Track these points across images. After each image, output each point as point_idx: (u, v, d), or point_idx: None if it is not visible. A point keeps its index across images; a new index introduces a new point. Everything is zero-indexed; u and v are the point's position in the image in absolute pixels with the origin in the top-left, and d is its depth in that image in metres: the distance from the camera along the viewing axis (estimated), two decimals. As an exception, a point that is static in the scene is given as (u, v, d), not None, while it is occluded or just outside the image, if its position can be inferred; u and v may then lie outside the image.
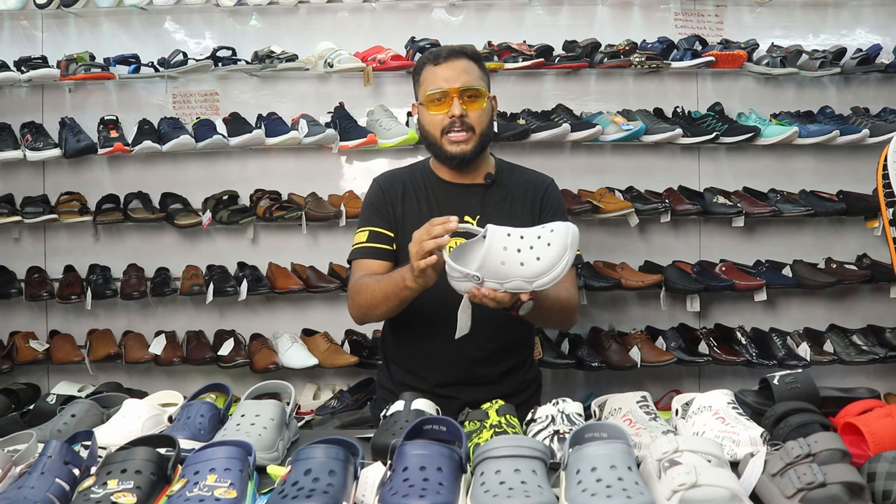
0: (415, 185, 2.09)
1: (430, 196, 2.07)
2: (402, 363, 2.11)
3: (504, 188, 2.09)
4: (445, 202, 2.04)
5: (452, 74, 1.98)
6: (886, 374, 3.18)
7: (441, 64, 2.00)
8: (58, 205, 3.13)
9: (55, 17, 3.25)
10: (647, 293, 3.19)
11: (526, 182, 2.12)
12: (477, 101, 1.99)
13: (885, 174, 2.06)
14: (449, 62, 1.99)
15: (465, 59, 2.01)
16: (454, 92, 1.97)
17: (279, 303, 3.28)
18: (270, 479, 1.32)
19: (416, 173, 2.13)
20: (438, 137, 2.00)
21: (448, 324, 1.86)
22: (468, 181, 2.07)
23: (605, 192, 3.12)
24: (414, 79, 2.10)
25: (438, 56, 2.01)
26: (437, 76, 2.00)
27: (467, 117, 1.97)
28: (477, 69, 2.03)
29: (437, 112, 1.99)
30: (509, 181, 2.10)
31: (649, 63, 3.10)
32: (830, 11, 3.33)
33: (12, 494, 1.22)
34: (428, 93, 1.99)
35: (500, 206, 2.05)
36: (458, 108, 1.96)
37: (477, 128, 1.99)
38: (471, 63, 2.02)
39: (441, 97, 1.98)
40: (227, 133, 3.09)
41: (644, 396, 1.66)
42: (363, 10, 3.28)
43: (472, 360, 2.01)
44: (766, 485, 1.26)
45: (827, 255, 3.22)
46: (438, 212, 1.98)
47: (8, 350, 3.09)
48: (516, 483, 1.20)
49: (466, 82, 1.98)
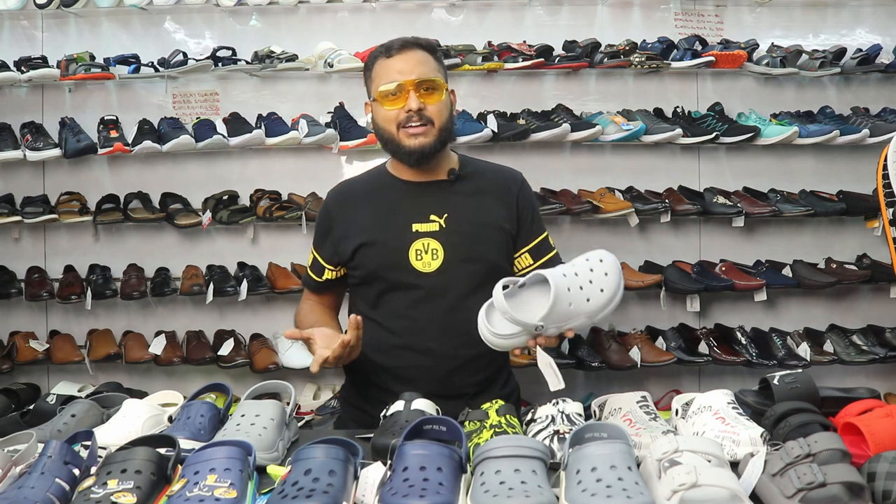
0: (373, 190, 1.98)
1: (391, 199, 1.94)
2: (369, 377, 1.96)
3: (471, 183, 1.96)
4: (406, 202, 1.93)
5: (407, 66, 1.85)
6: (886, 374, 3.18)
7: (394, 56, 1.87)
8: (58, 205, 3.13)
9: (55, 17, 3.25)
10: (647, 293, 3.19)
11: (495, 177, 2.00)
12: (435, 93, 1.85)
13: (885, 174, 2.06)
14: (402, 54, 1.87)
15: (420, 49, 1.89)
16: (410, 84, 1.83)
17: (279, 303, 3.27)
18: (270, 479, 1.32)
19: (374, 177, 2.02)
20: (395, 132, 1.86)
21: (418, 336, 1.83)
22: (429, 178, 1.94)
23: (605, 192, 3.12)
24: (365, 75, 1.97)
25: (391, 48, 1.88)
26: (390, 69, 1.86)
27: (425, 110, 1.84)
28: (433, 60, 1.90)
29: (392, 107, 1.85)
30: (475, 176, 1.98)
31: (649, 63, 3.10)
32: (830, 11, 3.33)
33: (12, 494, 1.22)
34: (381, 87, 1.86)
35: (467, 202, 1.93)
36: (414, 101, 1.82)
37: (436, 121, 1.86)
38: (426, 54, 1.89)
39: (396, 91, 1.84)
40: (227, 133, 3.09)
41: (644, 396, 1.65)
42: (363, 10, 3.28)
43: (447, 369, 1.89)
44: (766, 485, 1.26)
45: (827, 255, 3.22)
46: (399, 214, 1.91)
47: (8, 350, 3.09)
48: (516, 483, 1.20)
49: (423, 74, 1.85)
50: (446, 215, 1.90)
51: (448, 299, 1.89)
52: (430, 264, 1.88)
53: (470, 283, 1.88)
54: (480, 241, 1.91)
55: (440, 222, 1.90)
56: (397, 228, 1.90)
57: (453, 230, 1.90)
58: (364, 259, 1.93)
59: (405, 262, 1.88)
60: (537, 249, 1.98)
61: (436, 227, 1.90)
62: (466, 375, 1.92)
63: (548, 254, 2.00)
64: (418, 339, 1.90)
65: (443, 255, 1.88)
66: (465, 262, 1.89)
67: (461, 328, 1.77)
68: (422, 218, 1.90)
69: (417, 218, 1.90)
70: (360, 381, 2.01)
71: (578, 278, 1.57)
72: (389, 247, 1.90)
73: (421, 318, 1.89)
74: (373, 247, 1.91)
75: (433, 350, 1.90)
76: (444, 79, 1.92)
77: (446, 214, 1.90)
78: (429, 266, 1.88)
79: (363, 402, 1.98)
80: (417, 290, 1.89)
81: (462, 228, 1.90)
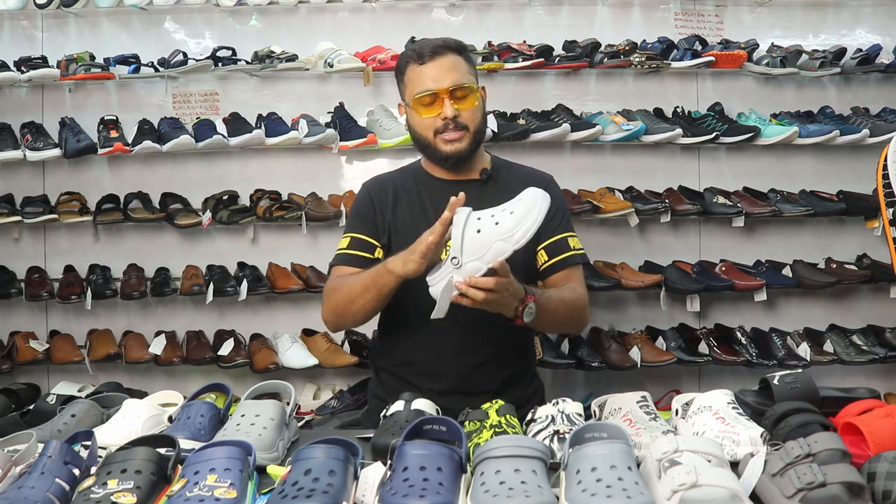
0: (407, 187, 2.02)
1: (424, 196, 1.99)
2: (394, 372, 2.02)
3: (501, 183, 1.99)
4: (440, 201, 1.92)
5: (440, 73, 1.88)
6: (886, 374, 3.18)
7: (427, 63, 1.89)
8: (58, 205, 3.13)
9: (55, 17, 3.25)
10: (647, 293, 3.19)
11: (525, 178, 2.01)
12: (468, 98, 1.90)
13: (885, 174, 2.06)
14: (435, 60, 1.89)
15: (451, 53, 1.91)
16: (444, 93, 1.87)
17: (279, 303, 3.28)
18: (270, 479, 1.32)
19: (408, 175, 2.05)
20: (432, 139, 1.92)
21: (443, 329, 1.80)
22: (463, 177, 1.99)
23: (605, 192, 3.12)
24: (398, 77, 2.00)
25: (423, 54, 1.90)
26: (423, 76, 1.90)
27: (460, 117, 1.89)
28: (464, 63, 1.93)
29: (428, 115, 1.90)
30: (507, 177, 2.02)
31: (649, 63, 3.10)
32: (830, 11, 3.33)
33: (12, 494, 1.22)
34: (416, 95, 1.90)
35: (497, 202, 1.92)
36: (449, 109, 1.87)
37: (471, 125, 1.91)
38: (457, 58, 1.91)
39: (431, 100, 1.89)
40: (227, 133, 3.09)
41: (644, 396, 1.65)
42: (363, 10, 3.28)
43: (470, 366, 1.93)
44: (766, 485, 1.26)
45: (827, 255, 3.22)
46: (433, 211, 1.93)
47: (8, 350, 3.09)
48: (516, 483, 1.20)
49: (456, 80, 1.88)
50: None
51: None
52: None
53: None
54: None
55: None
56: (430, 224, 1.89)
57: None
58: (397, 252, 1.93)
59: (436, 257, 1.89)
60: (554, 246, 1.97)
61: None
62: (490, 372, 1.95)
63: (565, 252, 1.98)
64: (444, 334, 1.89)
65: None
66: None
67: (486, 325, 1.78)
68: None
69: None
70: (386, 376, 2.05)
71: (492, 210, 1.58)
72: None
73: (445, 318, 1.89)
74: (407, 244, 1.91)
75: (457, 346, 1.91)
76: (476, 79, 1.95)
77: None
78: None
79: (388, 396, 1.98)
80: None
81: None
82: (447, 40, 1.94)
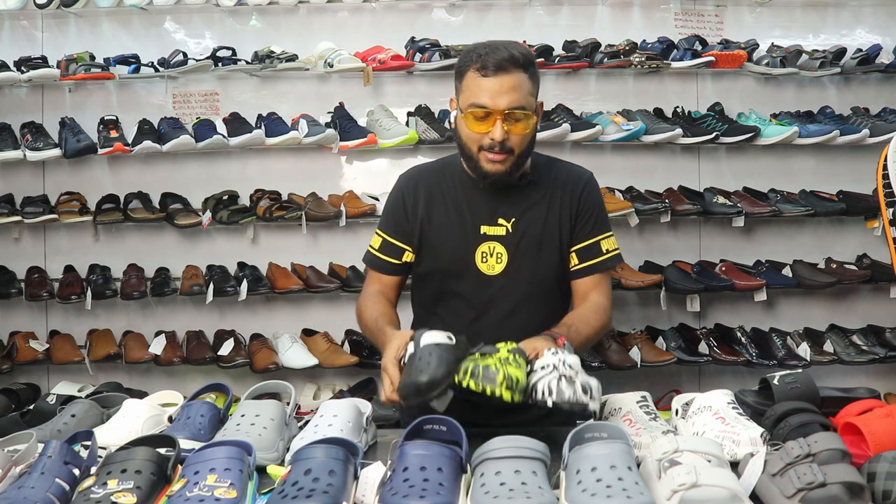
0: (443, 185, 1.94)
1: (461, 198, 1.91)
2: None
3: (542, 188, 1.92)
4: (477, 205, 1.91)
5: (500, 91, 1.75)
6: (886, 374, 3.18)
7: (489, 76, 1.76)
8: (58, 205, 3.13)
9: (55, 17, 3.25)
10: (647, 293, 3.19)
11: (564, 179, 1.95)
12: (521, 122, 1.78)
13: (885, 174, 2.06)
14: (498, 76, 1.75)
15: (517, 70, 1.77)
16: (498, 114, 1.75)
17: (279, 303, 3.28)
18: (270, 479, 1.33)
19: (447, 172, 1.96)
20: (475, 152, 1.82)
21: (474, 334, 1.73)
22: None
23: (605, 192, 3.11)
24: (456, 74, 1.87)
25: (487, 65, 1.76)
26: (482, 89, 1.77)
27: (508, 140, 1.78)
28: (528, 83, 1.79)
29: (478, 130, 1.79)
30: (547, 179, 1.94)
31: (649, 63, 3.10)
32: (830, 11, 3.33)
33: (12, 494, 1.23)
34: (470, 108, 1.78)
35: (535, 207, 1.90)
36: (499, 132, 1.76)
37: (517, 149, 1.80)
38: (522, 76, 1.77)
39: (484, 116, 1.77)
40: (227, 133, 3.09)
41: (644, 396, 1.66)
42: (363, 10, 3.28)
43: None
44: (766, 485, 1.26)
45: (827, 255, 3.22)
46: (468, 215, 1.90)
47: (8, 350, 3.09)
48: (517, 484, 1.20)
49: (513, 102, 1.75)
50: (514, 220, 1.89)
51: (508, 302, 1.89)
52: (493, 267, 1.89)
53: (530, 289, 1.90)
54: (544, 248, 1.91)
55: (507, 227, 1.89)
56: (465, 229, 1.90)
57: (519, 235, 1.89)
58: (431, 254, 1.93)
59: (471, 263, 1.89)
60: (587, 251, 1.93)
61: (502, 232, 1.89)
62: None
63: (596, 258, 1.93)
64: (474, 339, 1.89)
65: (507, 260, 1.89)
66: (528, 267, 1.89)
67: (517, 332, 1.72)
68: (490, 221, 1.90)
69: (486, 220, 1.90)
70: None
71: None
72: (457, 246, 1.90)
73: (479, 319, 1.89)
74: (441, 244, 1.91)
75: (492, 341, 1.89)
76: (536, 96, 1.84)
77: (514, 219, 1.89)
78: (493, 269, 1.89)
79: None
80: (478, 291, 1.90)
81: (527, 234, 1.89)
82: (516, 53, 1.78)
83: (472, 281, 1.90)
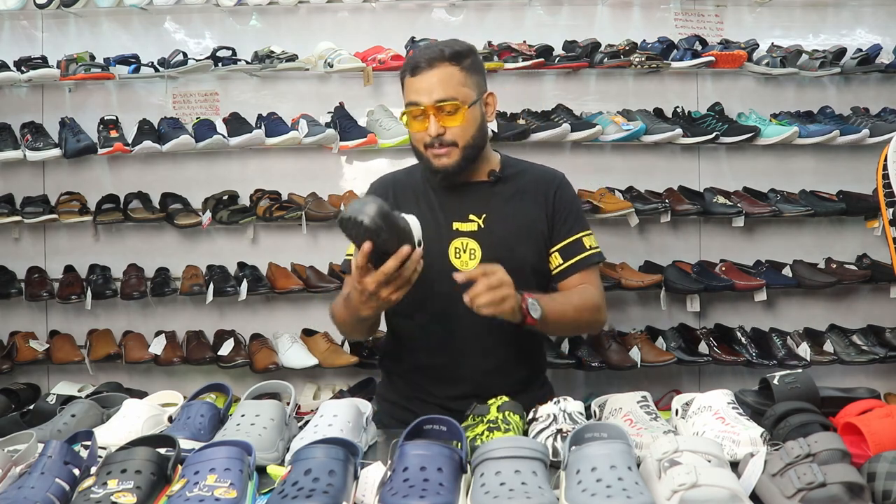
0: (414, 187, 1.98)
1: (431, 197, 1.95)
2: (405, 377, 2.01)
3: (510, 185, 1.96)
4: (446, 202, 1.94)
5: (427, 87, 1.80)
6: (886, 374, 3.18)
7: (417, 75, 1.82)
8: (58, 205, 3.13)
9: (55, 17, 3.25)
10: (647, 293, 3.19)
11: (534, 177, 2.00)
12: (456, 114, 1.81)
13: (885, 174, 2.06)
14: (425, 73, 1.81)
15: (444, 64, 1.81)
16: (430, 109, 1.80)
17: (279, 303, 3.28)
18: (270, 479, 1.32)
19: (416, 174, 2.01)
20: (423, 151, 1.87)
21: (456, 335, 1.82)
22: (470, 179, 1.95)
23: (605, 192, 3.12)
24: (401, 82, 1.94)
25: (416, 66, 1.83)
26: (412, 88, 1.84)
27: (445, 134, 1.82)
28: (458, 74, 1.82)
29: (417, 129, 1.85)
30: (516, 177, 1.98)
31: (649, 63, 3.10)
32: (830, 11, 3.33)
33: (12, 494, 1.22)
34: (406, 109, 1.86)
35: (506, 204, 1.94)
36: (434, 126, 1.80)
37: (459, 141, 1.83)
38: (450, 69, 1.82)
39: (420, 115, 1.83)
40: (227, 133, 3.09)
41: (644, 396, 1.65)
42: (363, 10, 3.28)
43: (483, 370, 1.90)
44: (766, 485, 1.26)
45: (827, 255, 3.22)
46: (440, 213, 1.92)
47: (8, 350, 3.09)
48: (517, 484, 1.20)
49: (441, 95, 1.80)
50: (485, 216, 1.91)
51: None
52: (467, 263, 1.89)
53: None
54: (517, 243, 1.92)
55: (479, 222, 1.90)
56: (438, 225, 1.91)
57: (491, 231, 1.91)
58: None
59: (444, 259, 1.90)
60: (569, 248, 1.95)
61: (474, 227, 1.91)
62: (502, 377, 1.91)
63: (580, 254, 1.95)
64: (453, 337, 1.89)
65: (480, 255, 1.89)
66: (501, 262, 1.88)
67: (496, 328, 1.76)
68: (461, 217, 1.92)
69: (457, 217, 1.92)
70: (398, 380, 2.04)
71: None
72: (431, 243, 1.87)
73: (456, 316, 1.87)
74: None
75: (467, 349, 1.90)
76: (474, 87, 1.86)
77: (485, 215, 1.91)
78: (466, 265, 1.89)
79: (400, 399, 2.00)
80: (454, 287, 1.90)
81: (499, 229, 1.91)
82: (444, 49, 1.84)
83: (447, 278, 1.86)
